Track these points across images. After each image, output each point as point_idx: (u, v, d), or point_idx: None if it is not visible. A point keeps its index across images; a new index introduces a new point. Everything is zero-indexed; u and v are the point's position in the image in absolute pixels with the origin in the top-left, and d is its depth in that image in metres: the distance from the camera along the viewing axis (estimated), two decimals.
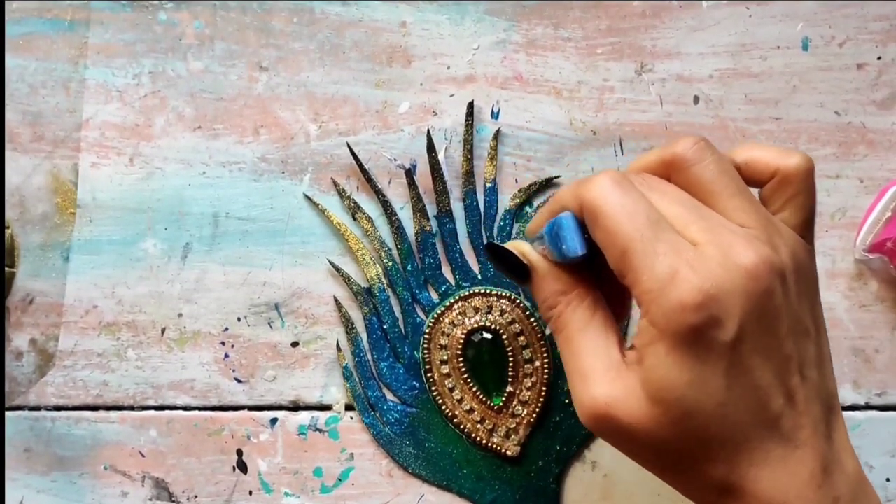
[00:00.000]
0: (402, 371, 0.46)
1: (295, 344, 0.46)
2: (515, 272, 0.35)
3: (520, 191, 0.46)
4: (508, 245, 0.36)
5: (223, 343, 0.46)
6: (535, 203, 0.46)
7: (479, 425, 0.45)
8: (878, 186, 0.46)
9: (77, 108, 0.46)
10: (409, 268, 0.46)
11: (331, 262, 0.46)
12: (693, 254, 0.30)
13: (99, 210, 0.46)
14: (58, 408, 0.46)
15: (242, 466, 0.46)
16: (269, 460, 0.46)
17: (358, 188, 0.46)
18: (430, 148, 0.46)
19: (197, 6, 0.46)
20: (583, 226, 0.33)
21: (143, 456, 0.46)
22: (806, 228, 0.34)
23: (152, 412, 0.46)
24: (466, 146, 0.46)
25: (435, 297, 0.46)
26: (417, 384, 0.46)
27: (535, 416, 0.45)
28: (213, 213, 0.46)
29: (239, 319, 0.46)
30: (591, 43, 0.46)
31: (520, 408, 0.45)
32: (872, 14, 0.46)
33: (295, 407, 0.46)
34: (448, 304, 0.45)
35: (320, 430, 0.46)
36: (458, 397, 0.45)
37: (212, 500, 0.46)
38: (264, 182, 0.46)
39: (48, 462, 0.46)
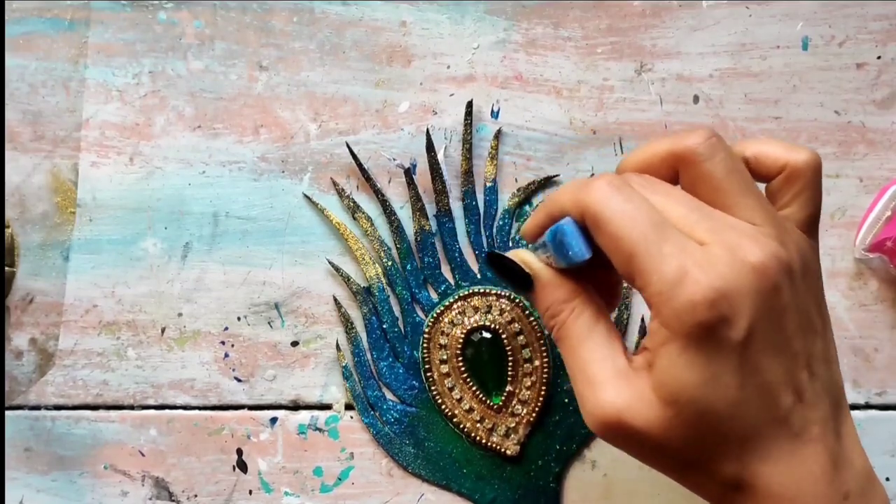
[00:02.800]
0: (401, 370, 0.46)
1: (295, 343, 0.46)
2: (517, 281, 0.35)
3: (518, 190, 0.46)
4: (510, 254, 0.36)
5: (223, 342, 0.46)
6: (535, 202, 0.46)
7: (478, 424, 0.45)
8: (878, 186, 0.46)
9: (77, 108, 0.46)
10: (408, 267, 0.46)
11: (330, 262, 0.46)
12: (701, 253, 0.30)
13: (99, 209, 0.46)
14: (58, 407, 0.46)
15: (242, 466, 0.46)
16: (269, 460, 0.46)
17: (357, 187, 0.46)
18: (430, 147, 0.46)
19: (197, 6, 0.46)
20: (585, 229, 0.33)
21: (143, 455, 0.46)
22: (812, 224, 0.34)
23: (152, 411, 0.46)
24: (466, 145, 0.46)
25: (434, 296, 0.46)
26: (417, 383, 0.46)
27: (534, 415, 0.45)
28: (213, 212, 0.46)
29: (239, 319, 0.46)
30: (590, 42, 0.46)
31: (519, 407, 0.45)
32: (872, 14, 0.46)
33: (295, 406, 0.46)
34: (447, 303, 0.45)
35: (320, 430, 0.46)
36: (458, 396, 0.45)
37: (212, 500, 0.46)
38: (264, 182, 0.46)
39: (48, 461, 0.46)
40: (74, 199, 0.46)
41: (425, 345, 0.45)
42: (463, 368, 0.45)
